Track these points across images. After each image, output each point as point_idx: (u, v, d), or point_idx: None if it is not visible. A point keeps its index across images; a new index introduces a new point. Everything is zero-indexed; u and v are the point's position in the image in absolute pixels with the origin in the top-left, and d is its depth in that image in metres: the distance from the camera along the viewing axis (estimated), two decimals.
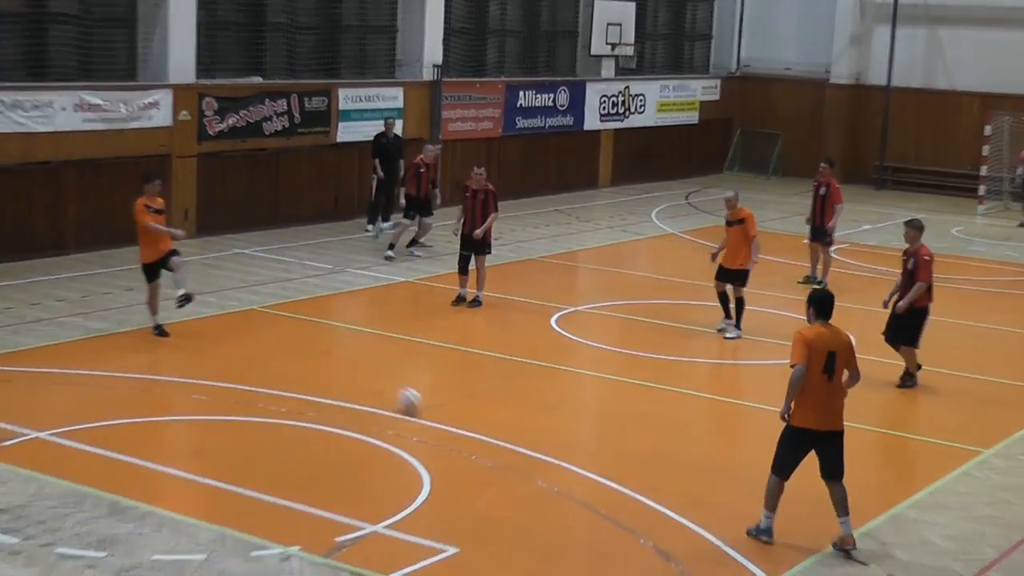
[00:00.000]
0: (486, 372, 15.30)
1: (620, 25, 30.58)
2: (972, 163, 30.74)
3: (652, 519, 10.67)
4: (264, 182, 23.39)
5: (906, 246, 15.15)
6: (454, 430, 12.72)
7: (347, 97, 24.48)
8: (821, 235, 20.69)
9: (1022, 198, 27.77)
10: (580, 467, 11.89)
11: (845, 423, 10.21)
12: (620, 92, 31.32)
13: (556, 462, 11.96)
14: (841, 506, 10.23)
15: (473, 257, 17.89)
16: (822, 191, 20.71)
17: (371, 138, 23.40)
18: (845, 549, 10.19)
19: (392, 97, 25.41)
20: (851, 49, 33.66)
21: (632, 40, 31.13)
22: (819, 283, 19.97)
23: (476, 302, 17.85)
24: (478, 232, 17.69)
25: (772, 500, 10.30)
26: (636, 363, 15.75)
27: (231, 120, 22.52)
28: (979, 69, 32.14)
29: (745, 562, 9.99)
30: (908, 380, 15.09)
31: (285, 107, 23.37)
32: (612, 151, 31.37)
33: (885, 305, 15.09)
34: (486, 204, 17.82)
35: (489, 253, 18.15)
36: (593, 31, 30.13)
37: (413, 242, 21.41)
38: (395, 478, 11.49)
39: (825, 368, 10.06)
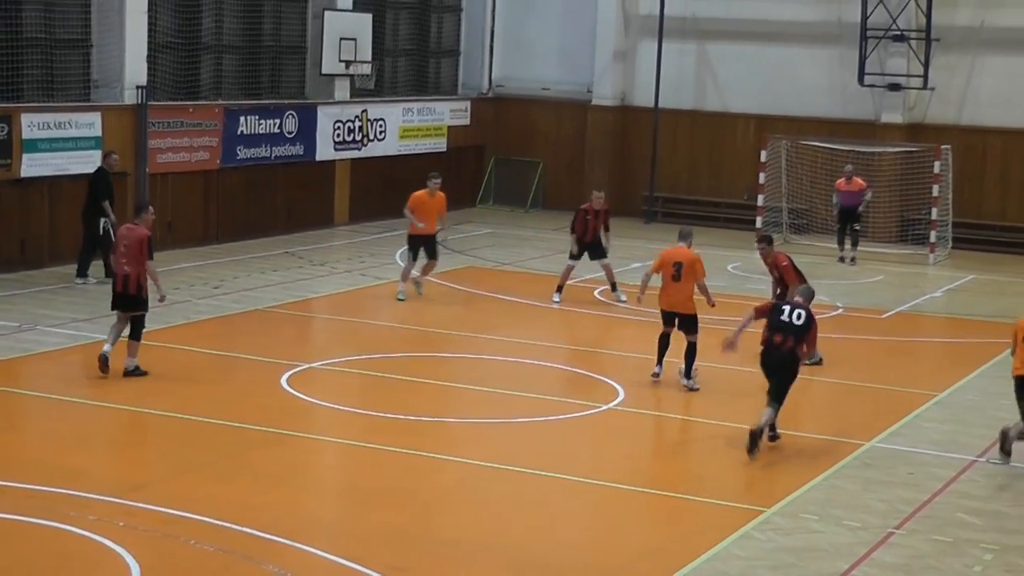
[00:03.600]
0: (205, 442, 15.12)
1: (355, 40, 30.79)
2: (749, 192, 32.06)
3: None
4: None
5: None
6: (168, 511, 12.54)
7: (32, 124, 23.89)
8: None
9: (841, 231, 28.80)
10: (317, 548, 11.88)
11: (611, 484, 10.29)
12: (357, 117, 31.50)
13: (289, 543, 11.92)
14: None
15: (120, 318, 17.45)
16: (776, 274, 19.00)
17: (63, 172, 22.91)
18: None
19: (87, 124, 24.92)
20: (615, 66, 34.79)
21: (369, 57, 31.36)
22: (818, 361, 19.09)
23: (138, 371, 17.22)
24: (164, 292, 17.79)
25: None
26: (381, 426, 15.82)
27: None
28: (753, 89, 33.70)
29: None
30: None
31: None
32: (349, 184, 31.49)
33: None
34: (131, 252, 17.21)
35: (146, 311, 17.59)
36: (324, 47, 30.23)
37: (614, 287, 23.57)
38: (97, 572, 11.25)
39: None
